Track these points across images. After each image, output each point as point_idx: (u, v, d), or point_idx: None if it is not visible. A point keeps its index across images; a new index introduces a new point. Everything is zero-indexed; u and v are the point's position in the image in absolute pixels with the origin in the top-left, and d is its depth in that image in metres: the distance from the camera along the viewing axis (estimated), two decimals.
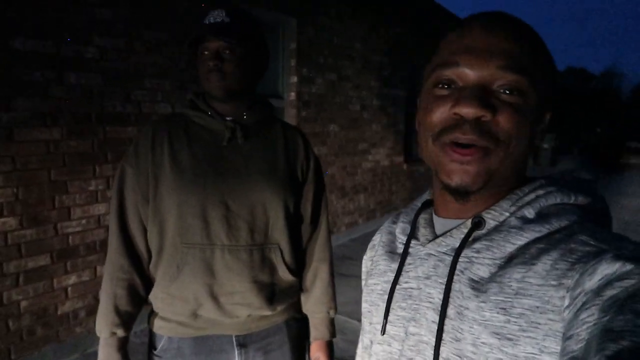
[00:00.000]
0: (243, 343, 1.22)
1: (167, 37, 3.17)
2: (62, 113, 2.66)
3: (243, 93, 1.21)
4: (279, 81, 4.59)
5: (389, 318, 0.64)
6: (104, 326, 1.18)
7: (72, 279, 2.79)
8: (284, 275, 1.23)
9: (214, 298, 1.16)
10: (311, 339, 1.35)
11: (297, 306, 1.33)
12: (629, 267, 0.44)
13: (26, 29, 2.48)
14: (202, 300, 1.16)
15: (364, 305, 0.73)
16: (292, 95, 4.62)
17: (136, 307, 1.22)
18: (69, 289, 2.78)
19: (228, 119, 1.20)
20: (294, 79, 4.60)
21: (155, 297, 1.21)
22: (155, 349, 1.22)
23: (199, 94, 1.26)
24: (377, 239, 0.77)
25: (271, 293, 1.21)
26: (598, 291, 0.44)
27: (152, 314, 1.24)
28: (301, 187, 1.29)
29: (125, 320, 1.20)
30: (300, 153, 1.30)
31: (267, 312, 1.21)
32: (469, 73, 0.54)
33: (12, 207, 2.50)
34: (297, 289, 1.31)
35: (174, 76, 3.25)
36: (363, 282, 0.78)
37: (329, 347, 1.35)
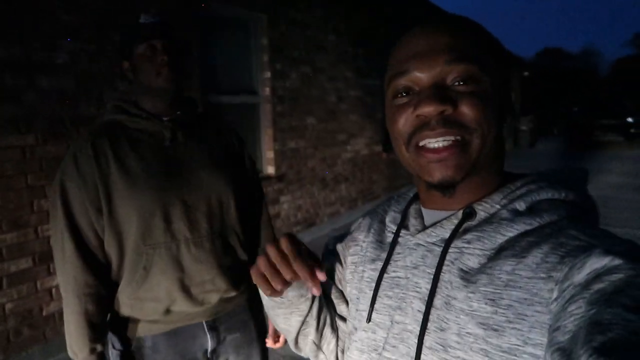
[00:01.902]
0: (213, 326, 1.29)
1: None
2: (36, 118, 2.71)
3: (181, 91, 1.27)
4: (252, 77, 4.64)
5: (375, 306, 0.65)
6: (82, 345, 1.15)
7: (56, 280, 2.85)
8: (242, 255, 1.33)
9: (186, 291, 1.22)
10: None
11: (254, 285, 1.42)
12: (617, 261, 0.45)
13: None
14: (174, 295, 1.20)
15: (351, 290, 0.73)
16: (267, 90, 4.68)
17: (105, 318, 1.23)
18: (53, 290, 2.84)
19: (165, 119, 1.24)
20: (268, 74, 4.66)
21: (122, 304, 1.22)
22: (126, 351, 1.23)
23: (125, 99, 1.28)
24: (365, 222, 0.77)
25: (235, 274, 1.30)
26: (586, 285, 0.45)
27: (119, 319, 1.24)
28: (241, 175, 1.39)
29: (100, 333, 1.19)
30: (234, 144, 1.40)
31: (234, 293, 1.30)
32: (420, 76, 0.56)
33: None
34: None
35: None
36: (329, 259, 0.79)
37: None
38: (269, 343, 1.42)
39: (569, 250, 0.50)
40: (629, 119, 13.64)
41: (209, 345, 1.29)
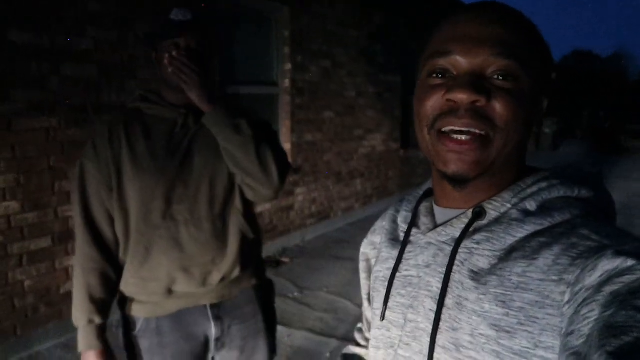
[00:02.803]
0: (218, 315, 1.31)
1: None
2: (59, 103, 2.78)
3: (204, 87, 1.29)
4: (273, 69, 4.67)
5: (389, 304, 0.65)
6: (81, 315, 1.24)
7: (72, 260, 2.93)
8: (248, 234, 1.33)
9: (186, 271, 1.25)
10: None
11: (261, 271, 1.45)
12: (630, 263, 0.44)
13: (21, 22, 2.58)
14: (174, 274, 1.24)
15: (368, 290, 0.75)
16: (287, 82, 4.70)
17: (110, 294, 1.29)
18: (70, 269, 2.92)
19: (182, 110, 1.28)
20: (288, 66, 4.68)
21: (127, 283, 1.28)
22: (134, 330, 1.29)
23: (149, 90, 1.34)
24: (379, 225, 0.78)
25: (238, 255, 1.31)
26: (599, 287, 0.44)
27: (125, 299, 1.31)
28: None
29: (101, 308, 1.26)
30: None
31: (237, 274, 1.31)
32: (461, 61, 0.54)
33: (14, 192, 2.63)
34: (257, 247, 1.42)
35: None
36: (363, 264, 0.81)
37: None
38: None
39: (580, 252, 0.49)
40: None
41: (213, 332, 1.31)
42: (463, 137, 0.54)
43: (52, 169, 2.79)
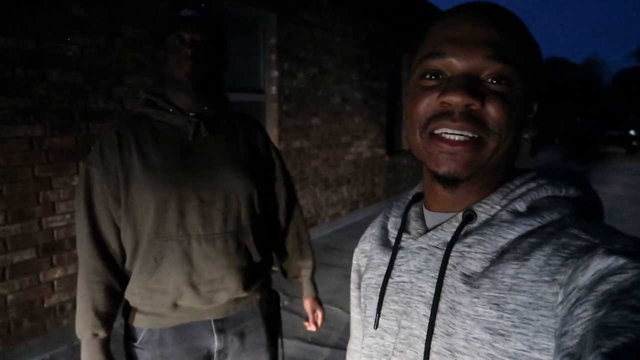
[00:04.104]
0: (221, 328, 1.28)
1: (147, 34, 3.21)
2: (45, 110, 2.70)
3: (207, 86, 1.25)
4: (260, 76, 4.65)
5: (382, 312, 0.64)
6: (85, 328, 1.20)
7: (58, 273, 2.85)
8: (256, 257, 1.31)
9: (194, 287, 1.21)
10: (304, 297, 1.53)
11: (267, 284, 1.43)
12: (621, 261, 0.44)
13: (5, 27, 2.51)
14: (182, 289, 1.20)
15: (358, 299, 0.74)
16: (274, 89, 4.68)
17: (114, 307, 1.25)
18: (55, 282, 2.84)
19: (191, 114, 1.24)
20: (275, 73, 4.66)
21: (133, 293, 1.24)
22: (135, 342, 1.25)
23: (155, 92, 1.29)
24: (369, 232, 0.77)
25: (247, 275, 1.28)
26: (591, 287, 0.44)
27: (129, 308, 1.27)
28: (264, 174, 1.37)
29: (105, 320, 1.22)
30: (260, 142, 1.38)
31: (243, 294, 1.30)
32: (456, 63, 0.54)
33: None
34: (266, 267, 1.40)
35: (155, 72, 3.30)
36: (354, 275, 0.80)
37: (319, 302, 1.55)
38: (309, 326, 1.54)
39: (571, 252, 0.49)
40: (632, 132, 13.65)
41: (216, 345, 1.29)
42: (456, 138, 0.53)
43: (37, 179, 2.71)
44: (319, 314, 1.54)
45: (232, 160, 1.27)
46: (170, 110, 1.24)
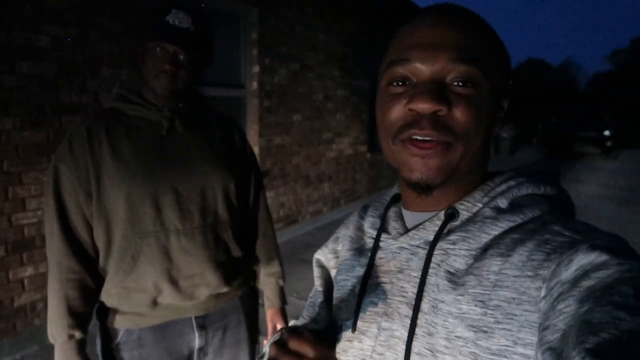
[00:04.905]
0: (203, 325, 1.26)
1: (123, 27, 3.13)
2: (15, 103, 2.61)
3: (183, 91, 1.22)
4: (240, 71, 4.59)
5: (360, 314, 0.62)
6: (60, 331, 1.14)
7: (29, 271, 2.76)
8: (236, 251, 1.29)
9: (174, 282, 1.18)
10: (266, 308, 1.44)
11: (248, 279, 1.40)
12: (604, 257, 0.44)
13: None
14: (162, 286, 1.17)
15: (334, 302, 0.70)
16: (254, 85, 4.63)
17: (90, 307, 1.20)
18: (26, 281, 2.74)
19: (165, 109, 1.21)
20: (256, 68, 4.61)
21: (109, 294, 1.20)
22: (112, 343, 1.21)
23: (129, 89, 1.25)
24: (342, 233, 0.76)
25: (227, 270, 1.26)
26: (574, 282, 0.44)
27: (105, 309, 1.22)
28: (240, 170, 1.35)
29: (81, 321, 1.17)
30: (236, 138, 1.36)
31: (225, 289, 1.27)
32: (421, 68, 0.54)
33: None
34: (247, 263, 1.38)
35: (131, 65, 3.22)
36: (317, 271, 0.78)
37: (283, 314, 1.46)
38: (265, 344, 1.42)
39: (554, 247, 0.49)
40: (606, 132, 13.98)
41: (197, 343, 1.26)
42: (427, 139, 0.53)
43: (6, 174, 2.60)
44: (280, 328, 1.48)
45: (209, 154, 1.24)
46: (145, 105, 1.21)
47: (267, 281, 1.43)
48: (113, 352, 1.21)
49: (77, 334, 1.17)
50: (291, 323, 0.80)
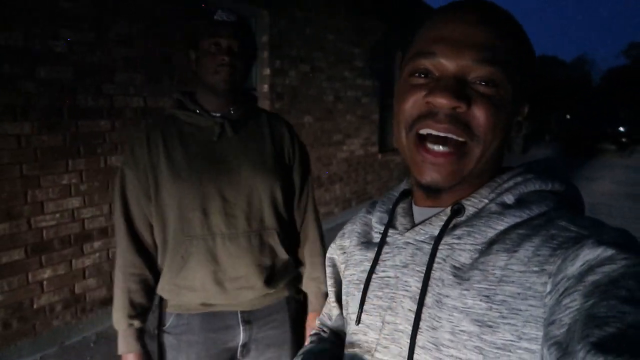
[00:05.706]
0: (248, 320, 1.30)
1: (137, 31, 3.18)
2: (33, 107, 2.66)
3: (239, 90, 1.28)
4: (252, 73, 4.62)
5: (365, 307, 0.63)
6: (121, 319, 1.26)
7: (48, 273, 2.81)
8: (282, 255, 1.31)
9: (220, 284, 1.24)
10: (308, 312, 1.45)
11: (296, 283, 1.41)
12: (610, 252, 0.44)
13: None
14: (208, 287, 1.23)
15: (343, 297, 0.72)
16: (265, 87, 4.66)
17: (149, 299, 1.31)
18: (45, 282, 2.80)
19: (217, 115, 1.27)
20: (267, 71, 4.64)
21: (162, 290, 1.29)
22: (164, 326, 1.30)
23: (185, 92, 1.32)
24: (349, 229, 0.77)
25: (271, 274, 1.29)
26: (580, 277, 0.44)
27: (161, 301, 1.32)
28: (290, 173, 1.38)
29: (140, 312, 1.28)
30: (286, 140, 1.38)
31: (269, 291, 1.30)
32: (445, 63, 0.53)
33: None
34: (294, 266, 1.40)
35: (145, 69, 3.26)
36: (329, 270, 0.80)
37: None
38: None
39: (560, 242, 0.49)
40: (621, 129, 13.79)
41: (241, 337, 1.30)
42: (441, 148, 0.53)
43: (25, 177, 2.66)
44: None
45: (256, 160, 1.28)
46: (197, 111, 1.27)
47: (309, 285, 1.44)
48: (164, 335, 1.29)
49: (136, 323, 1.27)
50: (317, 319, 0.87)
